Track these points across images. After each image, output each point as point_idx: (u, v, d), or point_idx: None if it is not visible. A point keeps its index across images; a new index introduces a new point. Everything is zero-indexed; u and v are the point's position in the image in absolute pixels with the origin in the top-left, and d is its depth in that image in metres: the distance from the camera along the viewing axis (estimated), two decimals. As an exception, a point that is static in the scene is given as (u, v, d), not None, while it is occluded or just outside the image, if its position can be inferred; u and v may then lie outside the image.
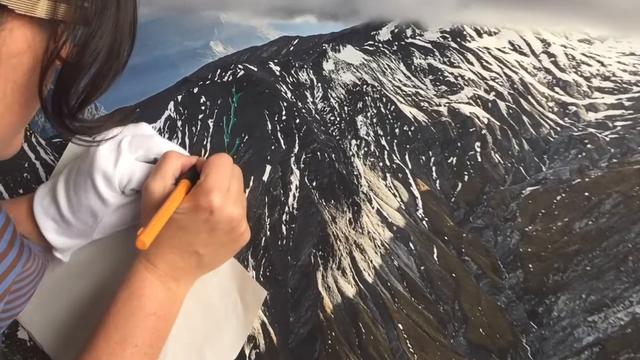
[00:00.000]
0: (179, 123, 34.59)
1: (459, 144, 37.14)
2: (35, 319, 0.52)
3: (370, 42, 49.88)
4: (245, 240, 0.46)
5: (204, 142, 33.35)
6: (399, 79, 45.07)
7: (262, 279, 21.27)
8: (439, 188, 34.69)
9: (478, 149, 36.91)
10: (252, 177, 26.62)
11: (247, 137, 32.09)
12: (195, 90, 37.20)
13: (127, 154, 0.45)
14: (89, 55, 0.32)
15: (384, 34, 51.42)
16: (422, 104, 41.36)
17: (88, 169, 0.45)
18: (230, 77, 37.47)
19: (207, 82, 37.71)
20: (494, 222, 30.89)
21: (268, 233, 23.83)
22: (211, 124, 34.50)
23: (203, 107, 35.79)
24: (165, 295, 0.44)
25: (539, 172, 36.20)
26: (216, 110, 35.56)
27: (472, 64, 48.00)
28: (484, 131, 38.35)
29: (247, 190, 25.08)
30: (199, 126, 34.58)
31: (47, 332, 0.52)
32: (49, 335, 0.51)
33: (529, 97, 45.45)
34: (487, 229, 30.76)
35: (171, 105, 35.60)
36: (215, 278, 0.52)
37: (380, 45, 49.49)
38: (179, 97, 36.26)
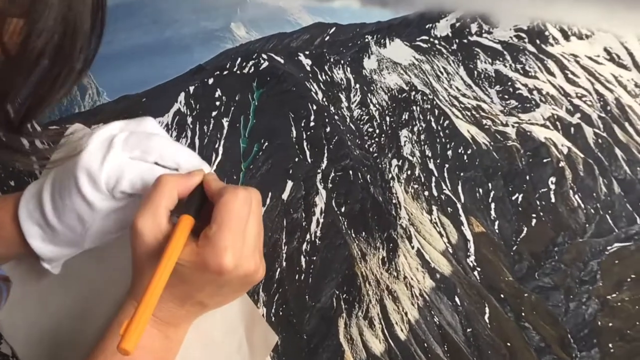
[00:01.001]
0: (189, 119, 37.07)
1: (527, 178, 37.27)
2: (19, 333, 0.57)
3: (424, 38, 50.63)
4: (258, 280, 0.48)
5: (216, 145, 35.57)
6: (456, 87, 45.85)
7: (273, 319, 22.59)
8: (497, 231, 34.78)
9: (552, 186, 36.86)
10: (270, 194, 28.26)
11: (266, 143, 34.01)
12: (211, 81, 39.79)
13: (120, 150, 0.47)
14: (28, 55, 0.31)
15: (442, 28, 52.00)
16: (484, 121, 41.87)
17: (72, 167, 0.47)
18: (252, 69, 39.92)
19: (225, 73, 40.29)
20: (567, 283, 30.59)
21: (284, 264, 25.21)
22: (226, 124, 36.79)
23: (218, 103, 38.26)
24: (161, 344, 0.46)
25: (632, 224, 35.52)
26: (233, 108, 37.91)
27: (553, 74, 47.97)
28: (562, 163, 38.32)
29: (263, 210, 26.68)
30: (211, 125, 36.95)
31: (31, 349, 0.57)
32: (33, 353, 0.57)
33: (626, 123, 44.75)
34: (557, 290, 30.44)
35: (182, 97, 38.13)
36: (219, 311, 0.54)
37: (436, 42, 50.30)
38: (191, 88, 38.79)
